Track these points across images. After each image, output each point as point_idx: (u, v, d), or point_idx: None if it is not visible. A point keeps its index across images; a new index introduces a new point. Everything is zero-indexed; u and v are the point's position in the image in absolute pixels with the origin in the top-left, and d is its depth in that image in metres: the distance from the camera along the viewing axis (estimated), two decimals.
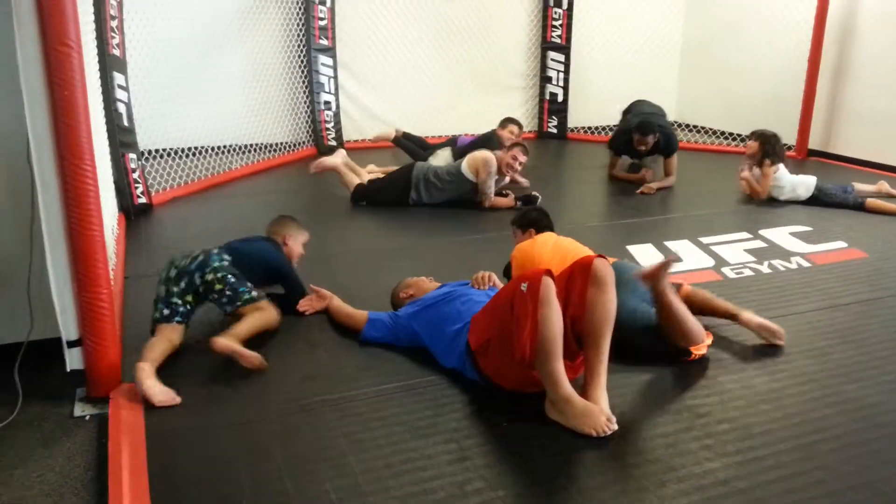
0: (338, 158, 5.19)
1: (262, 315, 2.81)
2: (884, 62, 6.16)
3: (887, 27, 6.09)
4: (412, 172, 4.94)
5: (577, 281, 2.29)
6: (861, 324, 3.04)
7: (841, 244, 4.10)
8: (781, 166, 4.97)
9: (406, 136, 6.30)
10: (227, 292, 2.81)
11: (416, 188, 4.89)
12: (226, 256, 2.90)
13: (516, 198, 4.89)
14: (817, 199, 4.90)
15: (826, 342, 2.83)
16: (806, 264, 3.79)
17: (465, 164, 4.81)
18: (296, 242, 3.33)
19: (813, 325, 3.01)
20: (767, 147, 4.93)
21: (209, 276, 2.80)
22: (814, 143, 6.71)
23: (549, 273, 2.20)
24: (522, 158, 4.94)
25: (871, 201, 4.81)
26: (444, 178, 4.86)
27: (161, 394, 2.34)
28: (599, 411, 2.15)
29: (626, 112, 6.32)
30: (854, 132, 6.52)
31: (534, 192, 4.97)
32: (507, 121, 6.06)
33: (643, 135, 5.34)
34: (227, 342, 2.56)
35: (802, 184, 4.94)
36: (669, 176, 5.51)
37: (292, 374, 2.58)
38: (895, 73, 6.06)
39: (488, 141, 5.41)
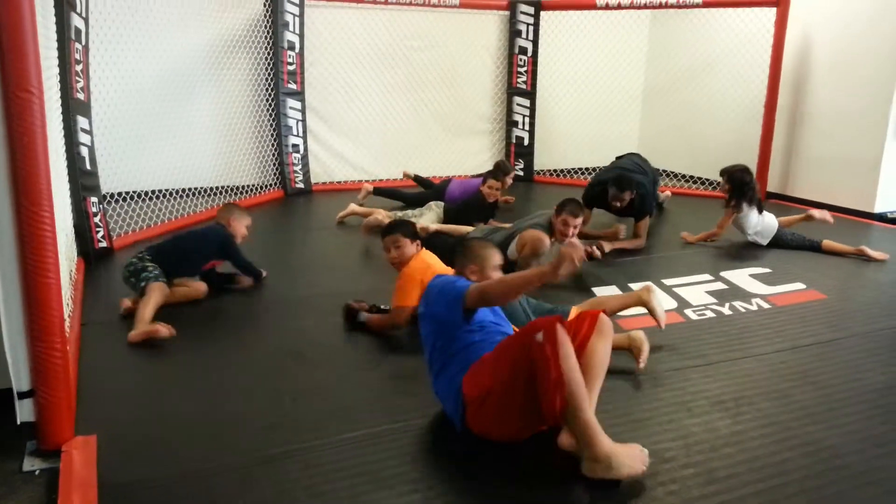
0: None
1: (153, 294, 3.46)
2: (834, 110, 6.41)
3: (837, 76, 6.36)
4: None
5: (583, 328, 2.41)
6: (820, 365, 3.09)
7: (800, 286, 4.19)
8: (748, 210, 5.02)
9: (417, 177, 6.74)
10: (132, 280, 3.64)
11: None
12: (135, 259, 3.71)
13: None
14: (777, 243, 5.03)
15: (787, 384, 2.87)
16: (766, 306, 3.86)
17: (513, 245, 4.24)
18: (238, 223, 4.03)
19: (774, 366, 3.05)
20: (734, 190, 4.98)
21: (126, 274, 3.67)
22: (772, 185, 6.92)
23: (561, 321, 2.17)
24: (576, 222, 4.13)
25: (826, 242, 4.94)
26: None
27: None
28: (634, 447, 2.17)
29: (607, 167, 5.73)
30: (809, 176, 6.75)
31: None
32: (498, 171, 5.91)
33: (619, 190, 4.84)
34: (135, 332, 3.21)
35: (764, 231, 5.07)
36: (637, 238, 5.01)
37: (254, 422, 2.52)
38: (844, 120, 6.32)
39: (476, 196, 5.44)
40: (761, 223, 5.07)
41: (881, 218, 6.12)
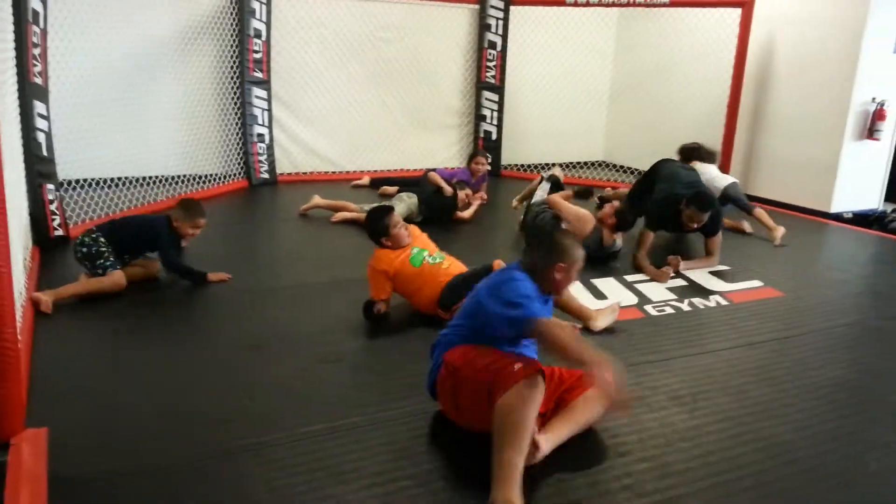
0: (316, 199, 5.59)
1: (102, 282, 3.61)
2: (794, 111, 6.55)
3: (798, 79, 6.49)
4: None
5: (576, 385, 2.40)
6: (776, 361, 3.15)
7: (757, 283, 4.27)
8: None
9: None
10: (86, 262, 3.68)
11: None
12: (88, 239, 3.70)
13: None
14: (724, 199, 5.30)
15: (743, 380, 2.92)
16: (724, 302, 3.93)
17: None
18: (181, 224, 3.86)
19: (731, 362, 3.10)
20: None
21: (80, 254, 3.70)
22: None
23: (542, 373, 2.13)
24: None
25: (758, 211, 5.37)
26: None
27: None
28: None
29: (651, 176, 5.15)
30: (769, 176, 6.88)
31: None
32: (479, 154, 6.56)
33: (701, 210, 4.37)
34: (38, 294, 3.39)
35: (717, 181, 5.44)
36: (711, 256, 4.61)
37: (210, 416, 2.49)
38: (804, 121, 6.46)
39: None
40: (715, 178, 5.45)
41: (837, 218, 6.28)
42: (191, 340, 3.22)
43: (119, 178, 5.71)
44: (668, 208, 4.57)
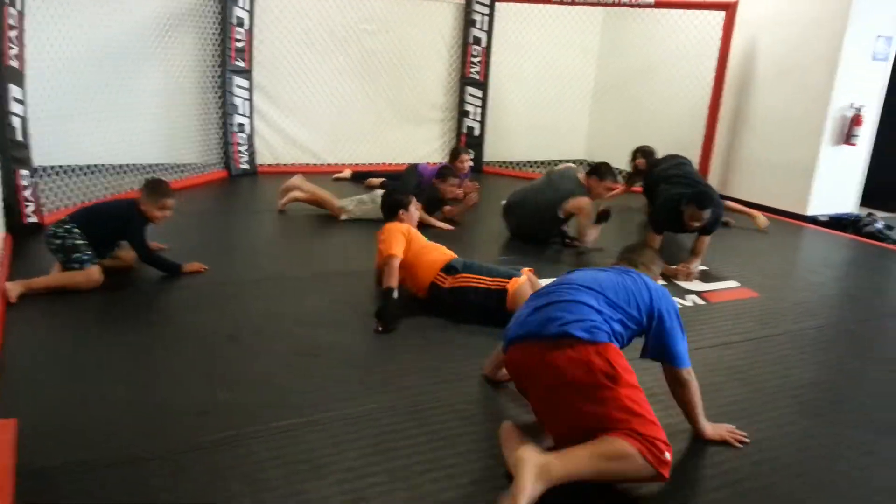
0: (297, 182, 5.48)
1: (76, 277, 3.51)
2: (774, 114, 6.62)
3: (779, 82, 6.56)
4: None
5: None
6: (750, 361, 3.19)
7: (734, 283, 4.32)
8: None
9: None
10: (60, 254, 3.57)
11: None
12: (62, 231, 3.57)
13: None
14: None
15: (718, 379, 2.95)
16: (701, 302, 3.97)
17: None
18: (148, 206, 3.69)
19: (706, 361, 3.13)
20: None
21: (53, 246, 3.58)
22: (712, 185, 7.07)
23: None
24: (617, 188, 5.09)
25: (729, 203, 5.54)
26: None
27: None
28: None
29: (652, 168, 5.49)
30: (748, 177, 6.96)
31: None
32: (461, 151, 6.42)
33: (700, 208, 4.37)
34: (8, 283, 3.32)
35: None
36: (696, 256, 4.57)
37: (186, 408, 2.46)
38: (783, 124, 6.53)
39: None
40: None
41: (813, 221, 6.36)
42: (166, 332, 3.18)
43: (96, 166, 5.63)
44: (671, 210, 4.59)
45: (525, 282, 3.39)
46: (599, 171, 4.79)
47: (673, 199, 4.61)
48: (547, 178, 5.12)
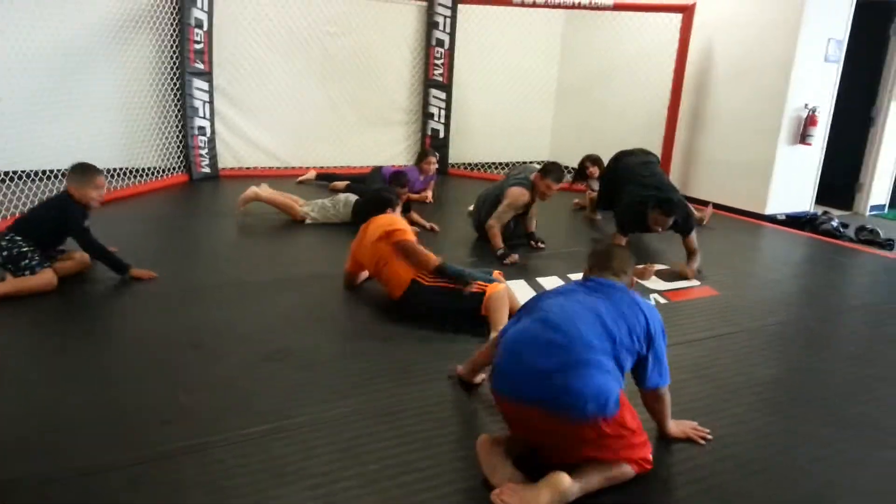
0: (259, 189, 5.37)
1: (31, 281, 3.43)
2: (732, 114, 6.77)
3: (736, 82, 6.70)
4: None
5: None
6: (712, 358, 3.24)
7: (695, 282, 4.39)
8: None
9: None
10: (9, 266, 3.47)
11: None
12: (6, 238, 3.49)
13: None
14: None
15: (681, 376, 2.98)
16: (663, 301, 4.03)
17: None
18: (81, 191, 3.58)
19: (669, 360, 3.16)
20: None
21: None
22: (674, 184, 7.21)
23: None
24: (557, 188, 4.79)
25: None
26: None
27: None
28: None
29: (614, 167, 5.53)
30: (707, 177, 7.10)
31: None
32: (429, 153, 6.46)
33: (666, 214, 4.43)
34: None
35: None
36: (695, 253, 4.63)
37: (147, 416, 2.40)
38: (741, 124, 6.68)
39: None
40: None
41: (771, 219, 6.51)
42: (127, 338, 3.11)
43: (51, 171, 5.47)
44: (636, 212, 4.67)
45: (503, 289, 3.36)
46: (544, 169, 4.77)
47: (639, 202, 4.66)
48: (507, 175, 5.20)
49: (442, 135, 7.96)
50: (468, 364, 2.78)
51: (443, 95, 7.86)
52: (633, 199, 4.78)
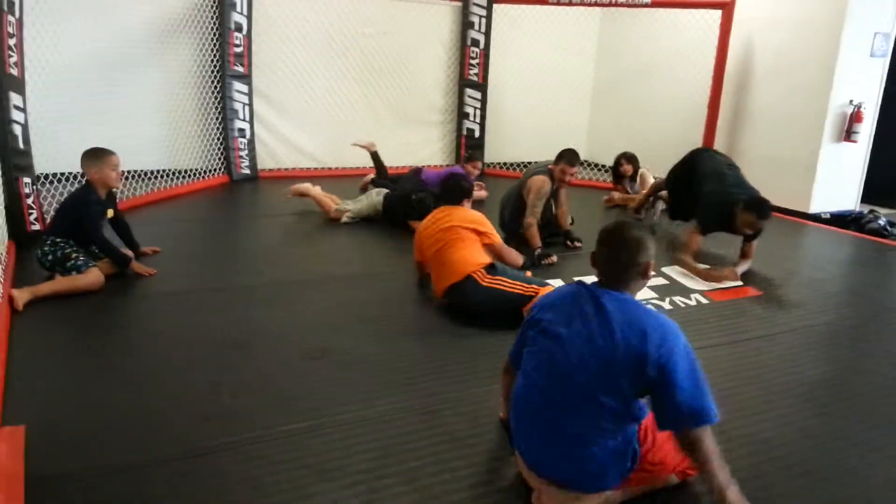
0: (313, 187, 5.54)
1: (71, 279, 3.51)
2: (774, 111, 6.62)
3: (778, 79, 6.56)
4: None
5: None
6: (756, 359, 3.19)
7: (737, 282, 4.31)
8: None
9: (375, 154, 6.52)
10: (58, 269, 3.60)
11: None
12: (47, 248, 3.62)
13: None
14: None
15: (724, 378, 2.95)
16: (704, 301, 3.96)
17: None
18: (100, 172, 3.64)
19: (712, 360, 3.12)
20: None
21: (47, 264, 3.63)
22: None
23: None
24: (572, 171, 4.82)
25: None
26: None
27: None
28: None
29: (690, 169, 5.02)
30: (748, 175, 6.90)
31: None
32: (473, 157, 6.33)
33: (760, 218, 4.24)
34: (14, 291, 3.29)
35: None
36: (749, 258, 4.53)
37: (189, 414, 2.46)
38: (783, 122, 6.53)
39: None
40: None
41: (816, 218, 6.36)
42: (171, 337, 3.17)
43: None
44: (724, 212, 4.42)
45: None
46: (558, 155, 4.81)
47: (730, 202, 4.40)
48: (523, 173, 5.24)
49: (477, 134, 7.95)
50: (502, 404, 2.42)
51: (478, 95, 7.85)
52: (721, 198, 4.48)
